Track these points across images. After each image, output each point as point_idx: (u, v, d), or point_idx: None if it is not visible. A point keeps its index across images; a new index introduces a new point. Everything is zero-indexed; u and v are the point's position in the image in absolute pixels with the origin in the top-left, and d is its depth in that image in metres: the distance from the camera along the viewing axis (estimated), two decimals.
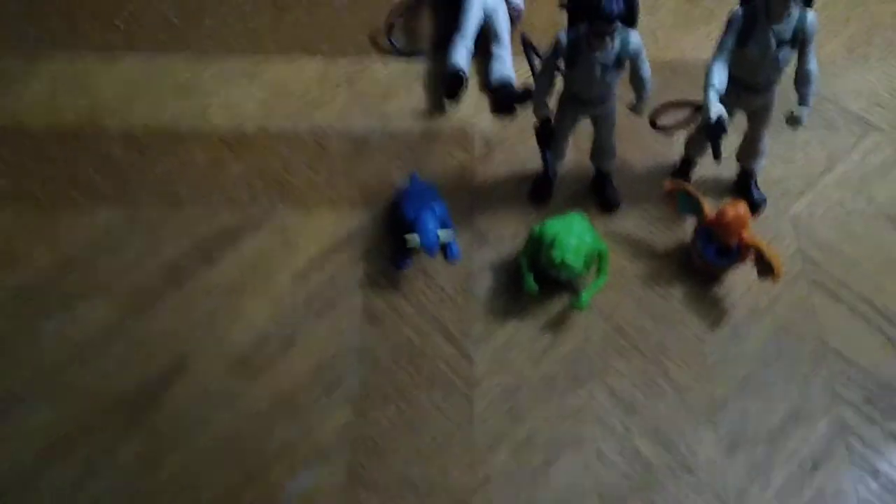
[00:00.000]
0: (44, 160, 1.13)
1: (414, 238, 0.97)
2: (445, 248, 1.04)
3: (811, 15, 0.90)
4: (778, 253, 1.03)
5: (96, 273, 1.03)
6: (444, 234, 0.99)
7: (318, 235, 1.07)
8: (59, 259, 1.05)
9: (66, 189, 1.11)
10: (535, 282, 0.98)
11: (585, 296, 0.97)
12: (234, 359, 0.97)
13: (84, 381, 0.95)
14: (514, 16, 1.25)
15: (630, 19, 0.89)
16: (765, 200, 1.08)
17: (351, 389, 0.95)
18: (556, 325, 0.99)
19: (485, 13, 1.21)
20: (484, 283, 1.03)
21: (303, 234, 1.07)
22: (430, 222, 0.98)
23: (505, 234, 1.06)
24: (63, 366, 0.96)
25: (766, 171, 1.11)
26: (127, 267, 1.04)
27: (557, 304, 1.01)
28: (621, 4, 0.85)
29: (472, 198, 1.10)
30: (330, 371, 0.96)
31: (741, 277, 1.02)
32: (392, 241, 1.05)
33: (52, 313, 1.00)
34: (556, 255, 0.94)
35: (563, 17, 0.93)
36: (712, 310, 1.00)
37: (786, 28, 0.89)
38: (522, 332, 0.99)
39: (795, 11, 0.89)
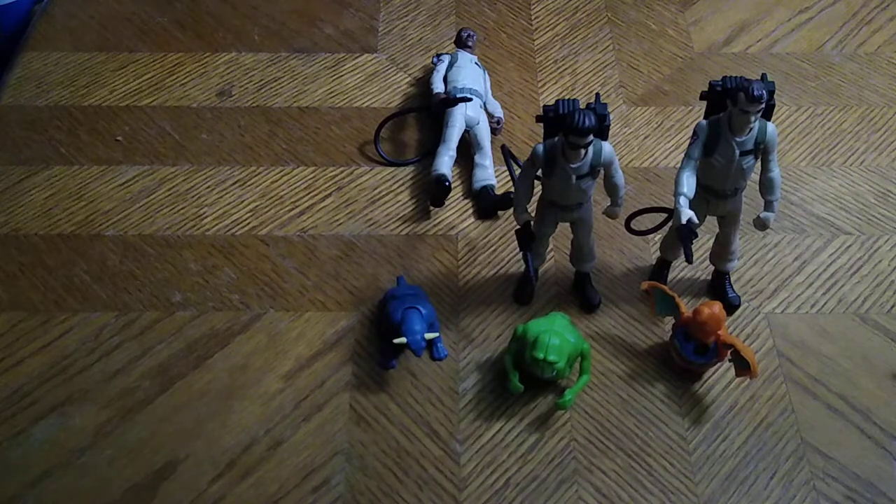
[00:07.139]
0: (40, 266, 1.16)
1: (401, 338, 1.00)
2: (432, 348, 1.06)
3: (771, 126, 0.96)
4: (754, 351, 1.06)
5: (87, 377, 1.05)
6: (430, 334, 1.02)
7: (308, 338, 1.09)
8: (51, 363, 1.06)
9: (61, 294, 1.13)
10: (520, 381, 1.00)
11: (569, 395, 0.99)
12: (222, 462, 0.97)
13: (73, 486, 0.95)
14: (495, 127, 1.32)
15: (601, 132, 0.96)
16: (739, 300, 1.12)
17: (338, 491, 0.95)
18: (542, 424, 1.01)
19: (467, 124, 1.27)
20: (470, 383, 1.05)
21: (292, 336, 1.09)
22: (416, 323, 1.00)
23: (490, 335, 1.09)
24: (52, 470, 0.97)
25: (740, 272, 1.15)
26: (118, 371, 1.05)
27: (542, 403, 1.03)
28: (593, 119, 0.91)
29: (458, 299, 1.13)
30: (317, 473, 0.97)
31: (721, 375, 1.05)
32: (379, 343, 1.08)
33: (43, 418, 1.01)
34: (539, 354, 0.97)
35: (541, 129, 0.99)
36: (694, 407, 1.02)
37: (748, 139, 0.95)
38: (508, 432, 1.00)
39: (756, 123, 0.95)
